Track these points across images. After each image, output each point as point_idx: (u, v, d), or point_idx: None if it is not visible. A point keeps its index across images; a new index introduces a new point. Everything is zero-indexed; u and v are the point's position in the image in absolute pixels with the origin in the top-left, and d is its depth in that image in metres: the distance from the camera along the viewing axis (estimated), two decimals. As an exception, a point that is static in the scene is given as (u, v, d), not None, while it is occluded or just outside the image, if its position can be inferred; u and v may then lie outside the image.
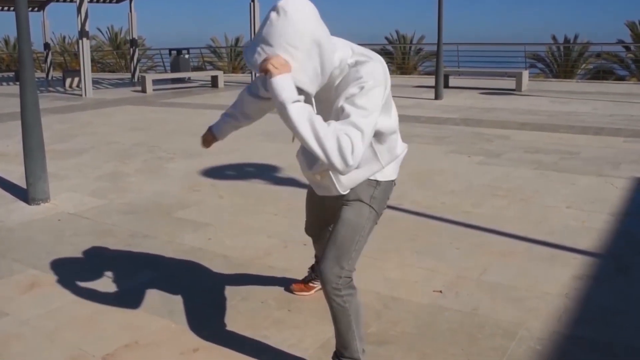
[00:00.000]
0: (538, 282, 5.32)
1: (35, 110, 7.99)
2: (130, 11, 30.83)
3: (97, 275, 5.66)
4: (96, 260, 6.11)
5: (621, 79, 34.83)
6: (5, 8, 34.47)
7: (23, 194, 8.34)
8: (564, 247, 6.12)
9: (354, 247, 3.60)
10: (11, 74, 36.79)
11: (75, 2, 24.33)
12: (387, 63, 3.63)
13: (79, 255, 6.24)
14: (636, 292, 5.09)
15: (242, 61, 46.76)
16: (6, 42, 56.91)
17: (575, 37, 39.30)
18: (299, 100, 2.98)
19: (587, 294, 5.07)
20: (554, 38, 39.78)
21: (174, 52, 29.04)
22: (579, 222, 6.90)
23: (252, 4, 25.85)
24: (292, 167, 9.59)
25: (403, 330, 4.48)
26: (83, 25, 23.28)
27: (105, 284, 5.48)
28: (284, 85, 2.98)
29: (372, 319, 4.64)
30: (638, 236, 6.47)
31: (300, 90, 3.05)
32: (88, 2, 24.37)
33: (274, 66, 3.01)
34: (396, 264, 5.72)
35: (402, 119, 2.88)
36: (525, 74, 22.53)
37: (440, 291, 5.18)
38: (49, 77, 34.28)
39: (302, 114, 2.96)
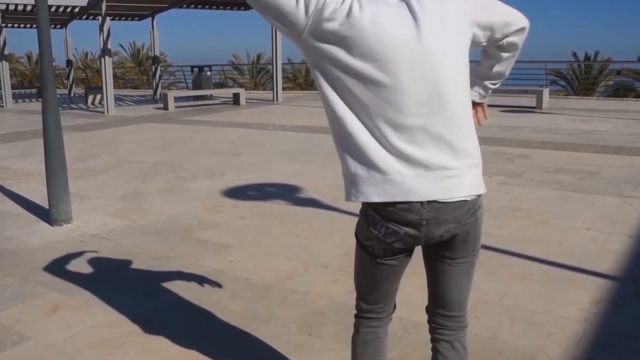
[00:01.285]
0: (557, 305, 5.34)
1: (57, 132, 8.08)
2: (153, 29, 31.08)
3: (119, 298, 5.72)
4: (118, 283, 6.15)
5: (642, 96, 34.76)
6: (28, 25, 34.80)
7: (45, 215, 8.42)
8: (583, 270, 6.12)
9: (355, 283, 3.24)
10: (34, 91, 37.05)
11: (98, 20, 24.56)
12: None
13: (102, 278, 6.29)
14: (655, 317, 5.10)
15: (263, 78, 47.01)
16: (29, 58, 57.43)
17: (596, 54, 39.37)
18: None
19: (605, 319, 5.08)
20: (574, 55, 39.77)
21: (195, 69, 29.19)
22: (598, 244, 6.90)
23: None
24: (312, 188, 9.66)
25: (423, 355, 4.49)
26: (105, 43, 23.48)
27: (128, 307, 5.52)
28: None
29: (394, 343, 4.67)
30: (658, 259, 6.46)
31: None
32: (110, 19, 24.56)
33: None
34: (417, 287, 5.70)
35: None
36: (546, 91, 22.49)
37: (460, 315, 5.20)
38: (71, 94, 34.57)
39: None
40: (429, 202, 2.76)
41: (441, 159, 2.75)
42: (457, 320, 3.16)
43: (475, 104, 3.20)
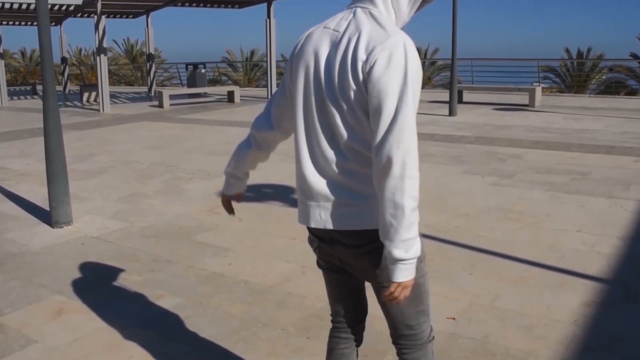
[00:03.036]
0: (548, 308, 5.47)
1: (58, 136, 8.21)
2: (147, 26, 31.14)
3: (122, 301, 5.86)
4: (120, 286, 6.28)
5: (633, 92, 34.96)
6: (23, 23, 34.83)
7: (46, 216, 8.55)
8: (574, 273, 6.26)
9: None
10: (28, 87, 37.06)
11: (92, 17, 24.62)
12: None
13: (104, 280, 6.42)
14: (643, 320, 5.25)
15: (257, 73, 47.02)
16: (23, 54, 57.30)
17: (588, 50, 39.41)
18: None
19: (595, 322, 5.21)
20: (567, 51, 39.86)
21: (190, 67, 29.25)
22: (588, 247, 7.04)
23: (267, 20, 26.20)
24: (308, 189, 9.77)
25: (417, 358, 4.63)
26: (101, 42, 23.58)
27: (130, 310, 5.66)
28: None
29: (390, 346, 4.79)
30: (646, 262, 6.61)
31: None
32: (105, 17, 24.63)
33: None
34: (411, 290, 5.86)
35: (418, 136, 2.77)
36: (539, 90, 22.65)
37: (454, 318, 5.33)
38: (66, 91, 34.58)
39: None
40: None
41: (324, 191, 2.92)
42: (410, 338, 3.21)
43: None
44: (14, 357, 4.84)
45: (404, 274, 2.72)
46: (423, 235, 2.88)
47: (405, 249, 2.67)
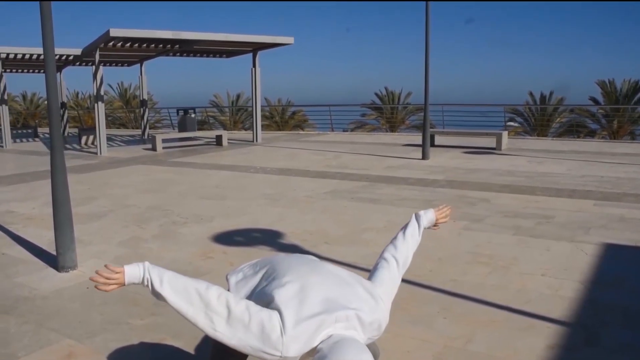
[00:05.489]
0: (516, 351, 5.60)
1: (64, 189, 8.37)
2: (141, 74, 31.41)
3: (127, 345, 5.95)
4: (125, 329, 6.36)
5: (592, 132, 35.56)
6: (26, 70, 35.03)
7: (52, 261, 8.64)
8: (539, 316, 6.39)
9: None
10: (30, 130, 37.13)
11: (90, 66, 24.81)
12: (376, 117, 3.57)
13: (109, 325, 6.50)
14: (602, 362, 5.40)
15: (242, 116, 47.28)
16: (24, 97, 57.27)
17: (551, 93, 39.92)
18: None
19: (559, 364, 5.37)
20: (530, 94, 40.34)
21: (181, 112, 29.42)
22: (552, 291, 7.19)
23: (253, 69, 26.48)
24: (294, 234, 9.92)
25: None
26: (99, 90, 23.72)
27: (137, 353, 5.76)
28: None
29: None
30: (604, 306, 6.72)
31: None
32: (102, 65, 24.81)
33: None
34: (392, 334, 5.99)
35: (393, 180, 2.98)
36: (505, 134, 22.95)
37: (431, 361, 5.48)
38: (65, 134, 34.69)
39: None
40: None
41: None
42: None
43: None
44: (30, 401, 4.96)
45: None
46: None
47: None
